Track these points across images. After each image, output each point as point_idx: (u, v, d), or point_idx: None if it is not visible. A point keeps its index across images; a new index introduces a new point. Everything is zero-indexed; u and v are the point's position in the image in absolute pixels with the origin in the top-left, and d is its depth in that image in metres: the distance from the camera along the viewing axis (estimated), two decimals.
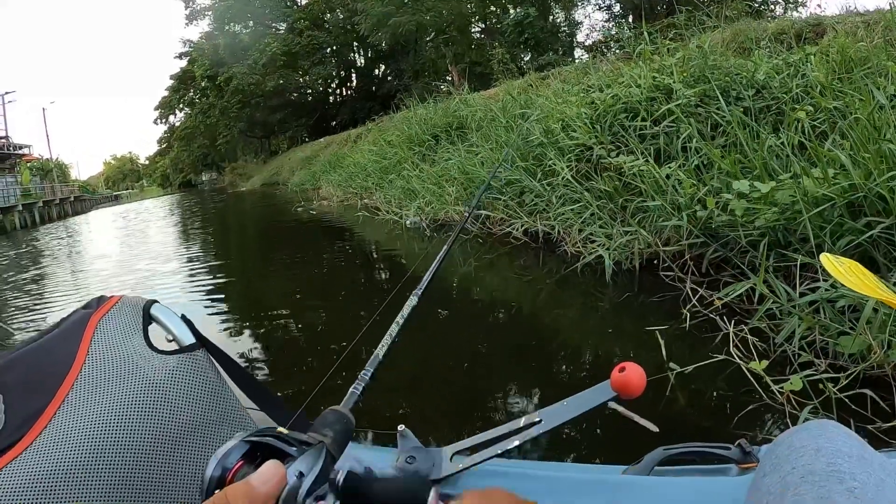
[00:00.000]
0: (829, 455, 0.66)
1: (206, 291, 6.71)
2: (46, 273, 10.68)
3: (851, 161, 3.35)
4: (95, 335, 0.89)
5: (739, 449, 1.03)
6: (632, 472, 1.04)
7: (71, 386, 0.82)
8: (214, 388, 0.95)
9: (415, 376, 3.41)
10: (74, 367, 0.84)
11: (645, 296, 4.20)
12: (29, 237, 21.75)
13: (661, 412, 2.58)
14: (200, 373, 0.94)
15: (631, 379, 0.86)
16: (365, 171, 14.14)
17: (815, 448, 0.68)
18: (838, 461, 0.65)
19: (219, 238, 14.16)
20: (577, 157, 5.96)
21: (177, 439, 0.86)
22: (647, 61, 6.53)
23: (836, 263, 1.39)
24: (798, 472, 0.66)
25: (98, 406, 0.81)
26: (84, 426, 0.78)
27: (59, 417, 0.79)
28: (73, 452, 0.75)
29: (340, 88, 48.01)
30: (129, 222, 23.43)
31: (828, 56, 5.41)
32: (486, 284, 5.57)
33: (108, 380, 0.85)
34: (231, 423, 0.95)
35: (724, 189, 4.03)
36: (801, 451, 0.69)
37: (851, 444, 0.69)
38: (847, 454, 0.66)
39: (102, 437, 0.79)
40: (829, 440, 0.70)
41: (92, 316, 0.92)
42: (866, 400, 2.27)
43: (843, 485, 0.61)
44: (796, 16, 12.26)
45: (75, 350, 0.86)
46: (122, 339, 0.91)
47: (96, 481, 0.75)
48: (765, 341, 2.92)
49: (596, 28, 28.08)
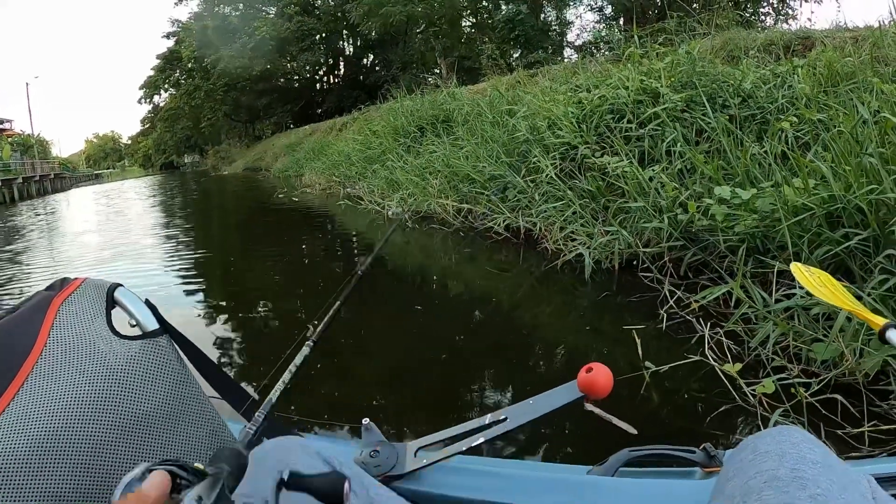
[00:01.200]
0: (793, 461, 0.67)
1: (179, 276, 6.68)
2: (21, 251, 10.57)
3: (832, 173, 3.40)
4: (57, 318, 0.88)
5: (704, 452, 1.04)
6: (596, 472, 1.05)
7: (31, 369, 0.81)
8: (177, 376, 0.94)
9: (385, 368, 3.41)
10: (35, 350, 0.83)
11: (623, 296, 4.23)
12: (7, 213, 21.47)
13: (636, 410, 2.61)
14: (163, 359, 0.93)
15: (597, 380, 0.90)
16: (349, 160, 14.08)
17: (778, 453, 0.69)
18: (802, 467, 0.65)
19: (197, 222, 14.04)
20: (561, 156, 5.98)
21: (137, 426, 0.85)
22: (636, 64, 6.56)
23: (807, 273, 1.41)
24: (762, 476, 0.66)
25: (58, 390, 0.80)
26: (43, 410, 0.78)
27: (18, 400, 0.78)
28: (31, 436, 0.75)
29: (328, 76, 47.68)
30: (111, 201, 23.30)
31: (815, 69, 5.47)
32: (465, 278, 5.59)
33: (68, 364, 0.84)
34: (192, 410, 0.94)
35: (706, 194, 4.07)
36: (765, 455, 0.70)
37: (815, 450, 0.70)
38: (811, 460, 0.67)
39: (61, 421, 0.78)
40: (793, 446, 0.70)
41: (54, 298, 0.91)
42: (837, 405, 2.31)
43: (806, 491, 0.62)
44: (786, 28, 12.36)
45: (36, 332, 0.85)
46: (84, 322, 0.90)
47: (53, 465, 0.75)
48: (739, 345, 2.96)
49: (586, 29, 28.07)
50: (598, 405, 2.49)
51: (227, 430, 0.99)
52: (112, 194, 28.66)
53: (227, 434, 0.98)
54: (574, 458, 2.41)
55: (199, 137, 57.41)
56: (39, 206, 25.38)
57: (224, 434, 0.98)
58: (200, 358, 1.02)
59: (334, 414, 2.53)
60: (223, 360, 3.77)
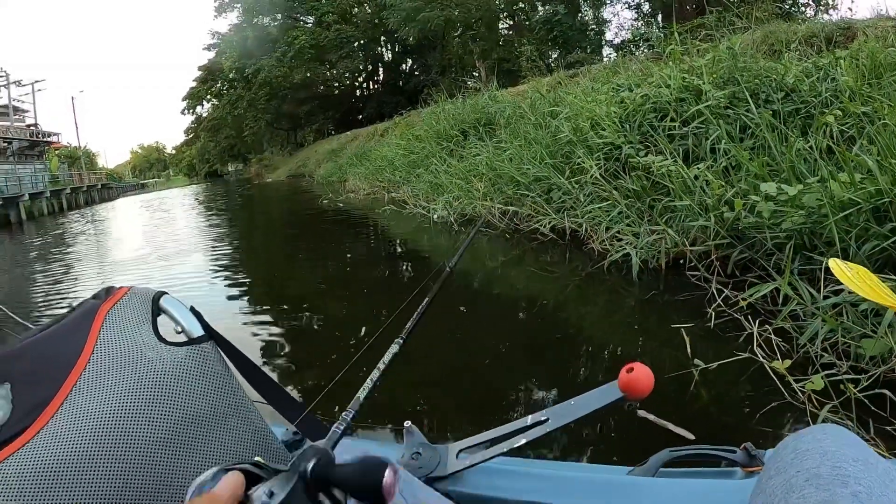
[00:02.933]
0: (835, 459, 0.66)
1: (226, 282, 6.86)
2: (71, 260, 10.88)
3: (878, 166, 3.39)
4: (104, 326, 0.90)
5: (745, 452, 1.05)
6: (637, 472, 1.06)
7: (79, 376, 0.83)
8: (222, 381, 0.95)
9: (430, 371, 3.45)
10: (82, 358, 0.85)
11: (670, 294, 4.25)
12: (55, 223, 22.04)
13: (685, 408, 2.66)
14: (208, 365, 0.94)
15: (639, 379, 0.89)
16: (392, 164, 14.22)
17: (820, 452, 0.69)
18: (843, 465, 0.65)
19: (243, 228, 14.30)
20: (605, 156, 6.02)
21: (183, 431, 0.87)
22: (677, 62, 6.56)
23: (845, 269, 1.44)
24: (803, 475, 0.66)
25: (105, 397, 0.82)
26: (91, 416, 0.79)
27: (66, 407, 0.79)
28: (79, 442, 0.76)
29: (367, 82, 48.12)
30: (155, 212, 23.68)
31: (857, 61, 5.42)
32: (511, 280, 5.64)
33: (115, 370, 0.85)
34: (239, 416, 0.95)
35: (752, 191, 4.08)
36: (806, 454, 0.70)
37: (857, 448, 0.69)
38: (852, 458, 0.66)
39: (109, 427, 0.79)
40: (834, 444, 0.70)
41: (101, 306, 0.92)
42: (886, 401, 2.33)
43: (848, 488, 0.62)
44: (826, 18, 12.16)
45: (83, 340, 0.87)
46: (130, 330, 0.91)
47: (101, 471, 0.76)
48: (788, 342, 2.98)
49: (625, 27, 27.90)
50: (644, 406, 2.55)
51: (271, 433, 0.99)
52: (156, 204, 29.16)
53: (272, 437, 0.99)
54: (616, 458, 2.44)
55: (242, 146, 58.25)
56: (87, 215, 26.01)
57: (269, 437, 0.99)
58: (246, 364, 1.03)
59: (377, 416, 2.58)
60: (275, 363, 3.88)
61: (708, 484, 0.99)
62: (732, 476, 1.03)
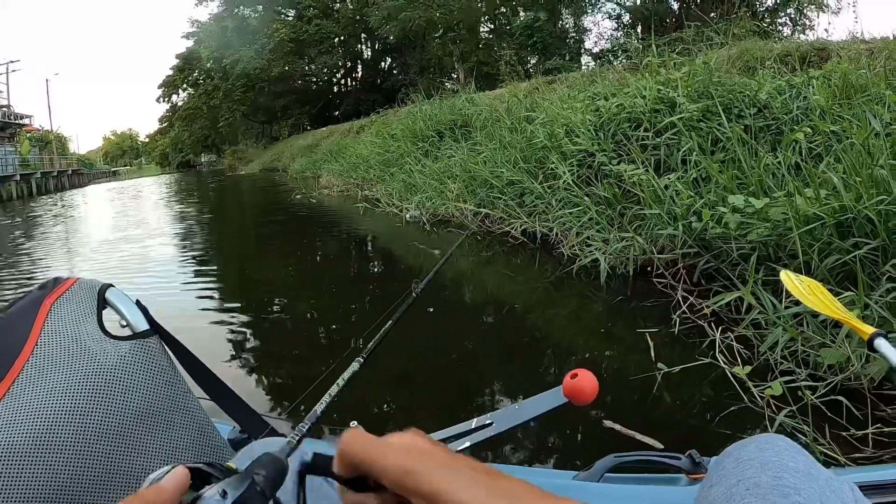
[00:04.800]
0: (776, 469, 0.67)
1: (189, 277, 6.79)
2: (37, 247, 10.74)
3: (843, 184, 3.48)
4: (49, 317, 0.88)
5: (690, 459, 1.05)
6: (582, 477, 1.06)
7: (21, 368, 0.81)
8: (167, 377, 0.93)
9: (385, 371, 3.41)
10: (25, 349, 0.83)
11: (637, 301, 4.32)
12: (25, 209, 21.69)
13: (646, 410, 2.71)
14: (153, 360, 0.92)
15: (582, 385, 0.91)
16: (367, 162, 14.18)
17: (761, 461, 0.70)
18: (784, 475, 0.66)
19: (212, 221, 14.14)
20: (578, 163, 6.08)
21: (125, 426, 0.85)
22: (654, 73, 6.64)
23: (796, 281, 1.48)
24: (744, 484, 0.67)
25: (48, 389, 0.80)
26: (31, 410, 0.77)
27: (8, 399, 0.78)
28: (18, 435, 0.74)
29: (345, 79, 47.86)
30: (126, 200, 23.42)
31: (830, 81, 5.53)
32: (479, 282, 5.67)
33: (59, 363, 0.84)
34: (183, 412, 0.94)
35: (720, 203, 4.16)
36: (748, 463, 0.70)
37: (798, 459, 0.70)
38: (793, 469, 0.67)
39: (51, 419, 0.78)
40: (776, 454, 0.71)
41: (46, 297, 0.91)
42: (842, 408, 2.40)
43: (788, 499, 0.62)
44: (803, 38, 12.38)
45: (27, 332, 0.85)
46: (75, 322, 0.89)
47: (39, 465, 0.74)
48: (749, 349, 3.06)
49: (604, 36, 28.10)
50: (604, 408, 2.59)
51: (215, 430, 0.98)
52: (128, 192, 28.82)
53: (216, 435, 0.98)
54: (543, 462, 2.49)
55: (217, 137, 57.57)
56: (57, 200, 25.62)
57: (213, 434, 0.97)
58: (191, 359, 1.01)
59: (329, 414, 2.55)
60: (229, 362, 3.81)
61: (652, 490, 1.01)
62: (677, 482, 1.04)
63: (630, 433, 2.41)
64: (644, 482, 1.06)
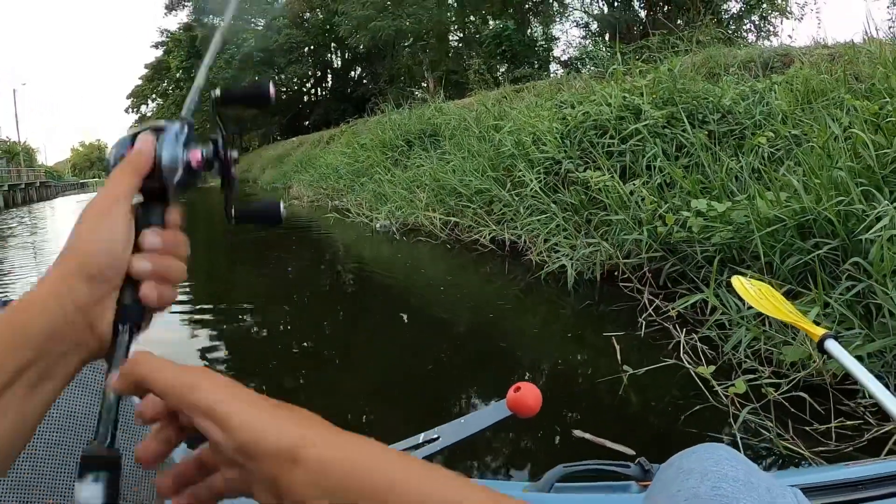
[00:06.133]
0: (714, 479, 0.67)
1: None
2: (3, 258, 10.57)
3: (804, 186, 3.55)
4: None
5: (639, 466, 1.04)
6: (532, 489, 1.04)
7: None
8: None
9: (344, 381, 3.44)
10: None
11: (604, 305, 4.36)
12: None
13: (613, 413, 2.74)
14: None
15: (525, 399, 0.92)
16: (337, 172, 14.15)
17: (701, 471, 0.69)
18: (723, 485, 0.66)
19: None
20: (546, 170, 6.12)
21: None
22: (619, 81, 6.71)
23: (748, 286, 1.49)
24: (683, 493, 0.67)
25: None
26: None
27: None
28: None
29: (315, 88, 47.75)
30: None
31: (792, 86, 5.62)
32: (449, 290, 5.67)
33: None
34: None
35: (684, 207, 4.20)
36: (689, 473, 0.70)
37: (738, 468, 0.70)
38: (732, 478, 0.67)
39: None
40: (715, 464, 0.70)
41: None
42: (805, 404, 2.44)
43: None
44: (767, 45, 12.57)
45: None
46: None
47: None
48: (714, 349, 3.10)
49: (572, 44, 28.30)
50: (570, 411, 2.60)
51: None
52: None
53: None
54: (493, 474, 2.48)
55: None
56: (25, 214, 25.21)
57: None
58: None
59: None
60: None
61: (602, 499, 1.01)
62: (627, 490, 1.03)
63: (601, 441, 2.40)
64: (594, 491, 1.06)
